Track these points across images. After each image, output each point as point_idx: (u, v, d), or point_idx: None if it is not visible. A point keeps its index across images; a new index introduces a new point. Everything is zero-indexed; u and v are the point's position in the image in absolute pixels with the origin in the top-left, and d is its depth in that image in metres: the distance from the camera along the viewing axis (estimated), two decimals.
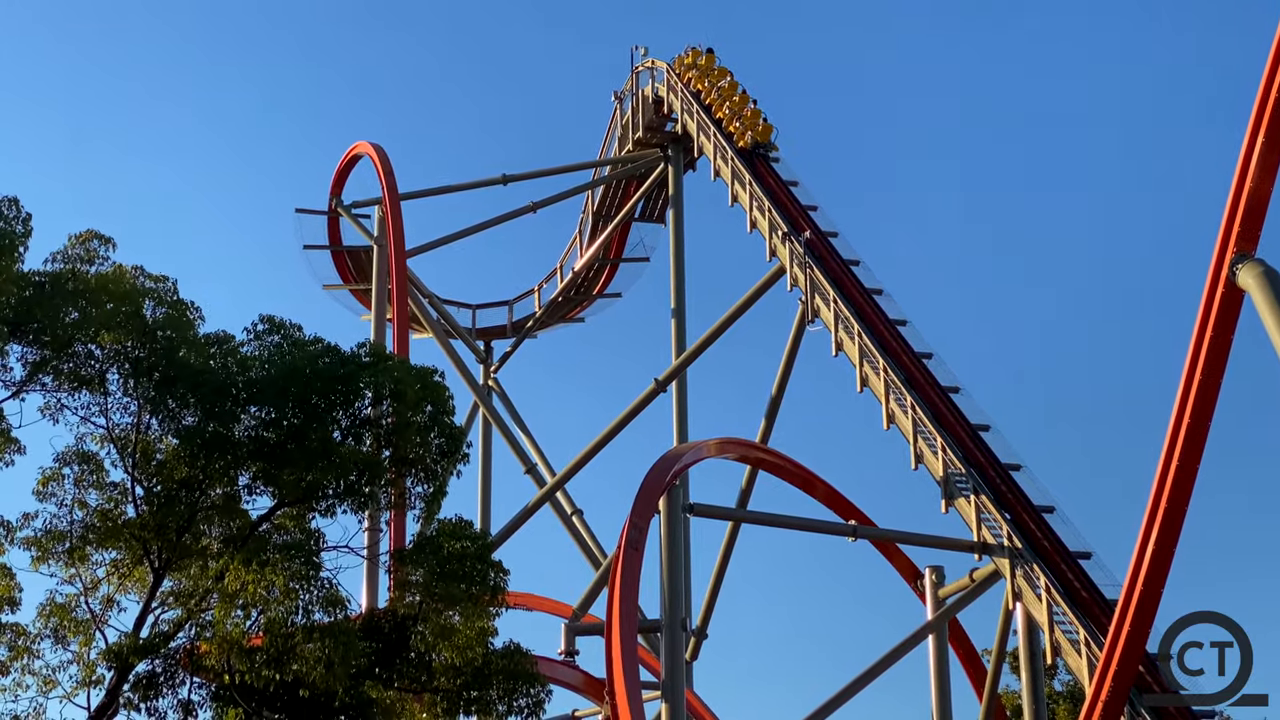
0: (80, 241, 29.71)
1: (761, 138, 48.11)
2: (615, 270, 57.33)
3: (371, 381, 29.35)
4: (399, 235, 48.07)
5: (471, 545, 29.27)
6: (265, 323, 30.12)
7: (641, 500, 35.30)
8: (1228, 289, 25.81)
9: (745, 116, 48.66)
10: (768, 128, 48.53)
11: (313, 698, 26.89)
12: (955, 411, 38.20)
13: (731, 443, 41.05)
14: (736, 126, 48.35)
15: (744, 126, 48.28)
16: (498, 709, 29.12)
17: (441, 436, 29.80)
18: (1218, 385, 26.27)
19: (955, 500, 35.11)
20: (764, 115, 48.90)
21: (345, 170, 52.96)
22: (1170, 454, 26.61)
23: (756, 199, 44.30)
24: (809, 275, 40.93)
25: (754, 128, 48.25)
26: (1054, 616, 32.13)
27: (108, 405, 29.13)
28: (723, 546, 44.97)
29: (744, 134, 48.09)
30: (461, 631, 28.50)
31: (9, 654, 28.50)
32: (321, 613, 26.78)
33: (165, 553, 28.63)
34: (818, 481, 42.06)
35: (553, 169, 55.19)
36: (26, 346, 28.68)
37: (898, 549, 41.31)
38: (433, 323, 52.81)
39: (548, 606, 50.97)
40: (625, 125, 53.64)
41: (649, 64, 52.75)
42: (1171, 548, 27.09)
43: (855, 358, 38.38)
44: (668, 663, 35.23)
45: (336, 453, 28.37)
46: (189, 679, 28.06)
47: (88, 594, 28.88)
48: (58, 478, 29.05)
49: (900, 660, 36.74)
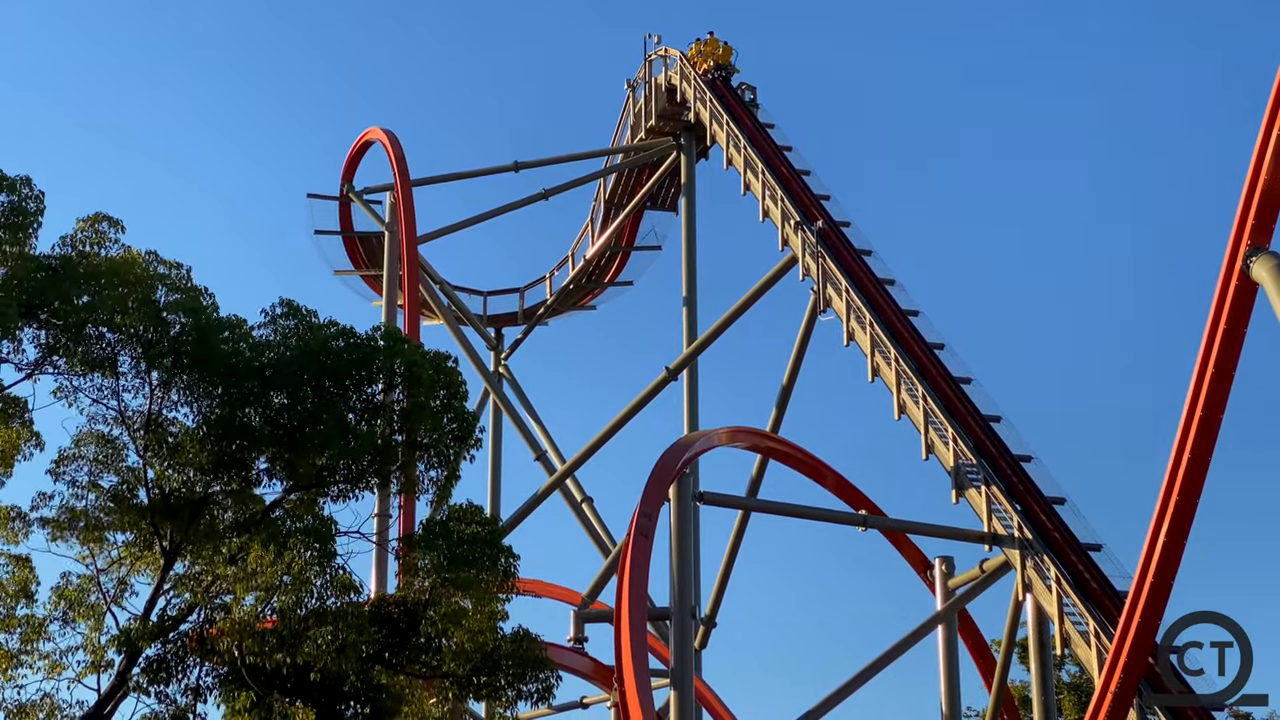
0: (90, 224, 29.63)
1: (722, 59, 50.64)
2: (627, 258, 57.25)
3: (385, 365, 29.34)
4: (410, 221, 47.97)
5: (482, 530, 29.27)
6: (284, 306, 30.08)
7: (651, 488, 35.29)
8: (1241, 282, 25.75)
9: (708, 42, 51.01)
10: (727, 50, 50.99)
11: (323, 681, 26.93)
12: (966, 402, 38.14)
13: (742, 431, 41.00)
14: (699, 58, 50.71)
15: (705, 53, 50.70)
16: (507, 695, 29.13)
17: (455, 421, 29.80)
18: (1230, 378, 26.23)
19: (966, 491, 35.08)
20: (726, 43, 51.16)
21: (357, 156, 52.87)
22: (1182, 447, 26.59)
23: (769, 188, 44.23)
24: (821, 265, 40.87)
25: (715, 54, 50.62)
26: (1064, 608, 32.11)
27: (120, 388, 29.14)
28: (732, 535, 44.95)
29: (705, 60, 50.37)
30: (472, 615, 28.50)
31: (21, 643, 28.55)
32: (334, 597, 26.81)
33: (176, 536, 28.68)
34: (828, 471, 42.04)
35: (565, 156, 55.11)
36: (39, 329, 28.71)
37: (908, 539, 41.26)
38: (443, 309, 52.77)
39: (557, 593, 51.01)
40: (638, 113, 53.55)
41: (662, 52, 52.63)
42: (1182, 541, 27.07)
43: (867, 347, 38.34)
44: (676, 651, 35.22)
45: (350, 436, 28.38)
46: (199, 663, 28.11)
47: (101, 575, 28.96)
48: (74, 458, 29.13)
49: (909, 650, 36.75)
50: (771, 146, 47.45)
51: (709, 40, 51.50)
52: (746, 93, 50.52)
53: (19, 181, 28.63)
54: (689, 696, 34.86)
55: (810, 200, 44.91)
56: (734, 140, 46.65)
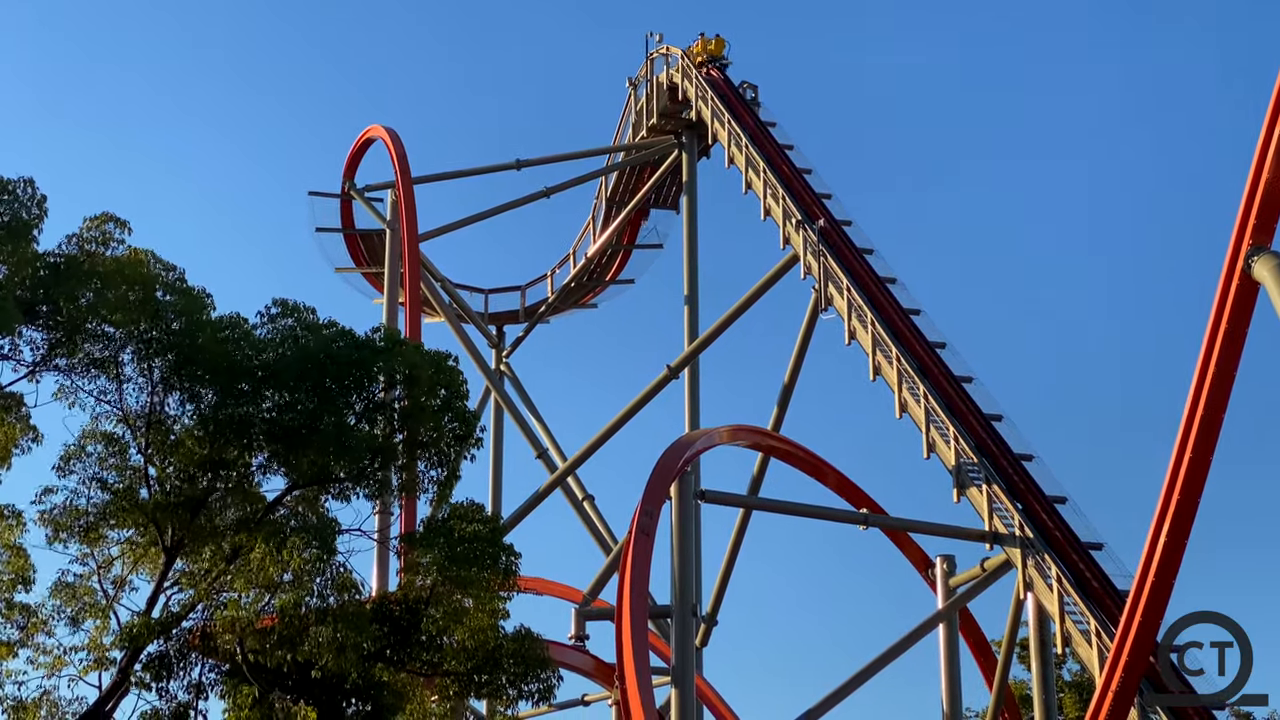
0: (96, 224, 29.65)
1: (715, 51, 51.58)
2: (628, 256, 57.28)
3: (385, 366, 29.34)
4: (412, 219, 48.01)
5: (483, 528, 29.27)
6: (278, 306, 30.11)
7: (653, 486, 35.31)
8: (1243, 281, 25.75)
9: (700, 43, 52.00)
10: (720, 42, 52.01)
11: (324, 679, 26.94)
12: (968, 401, 38.16)
13: (743, 430, 41.02)
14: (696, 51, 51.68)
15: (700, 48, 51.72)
16: (508, 693, 29.15)
17: (455, 421, 29.80)
18: (1232, 377, 26.22)
19: (967, 490, 35.10)
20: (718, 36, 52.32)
21: (358, 154, 52.90)
22: (1183, 446, 26.58)
23: (770, 186, 44.24)
24: (822, 263, 40.88)
25: (708, 47, 51.60)
26: (1065, 607, 32.14)
27: (122, 388, 29.12)
28: (733, 533, 44.97)
29: (701, 53, 51.31)
30: (473, 614, 28.50)
31: (20, 634, 28.56)
32: (334, 596, 26.81)
33: (178, 533, 28.69)
34: (829, 469, 42.06)
35: (567, 154, 55.12)
36: (40, 330, 28.67)
37: (909, 538, 41.28)
38: (445, 307, 52.78)
39: (558, 591, 51.01)
40: (640, 111, 53.56)
41: (664, 50, 52.67)
42: (1184, 540, 27.06)
43: (868, 346, 38.34)
44: (678, 649, 35.24)
45: (350, 437, 28.39)
46: (200, 660, 28.12)
47: (100, 573, 28.95)
48: (79, 455, 29.12)
49: (910, 649, 36.77)
50: (773, 145, 47.47)
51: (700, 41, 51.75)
52: (748, 91, 50.55)
53: (20, 184, 28.59)
54: (690, 694, 34.89)
55: (812, 199, 44.92)
56: (735, 139, 46.66)
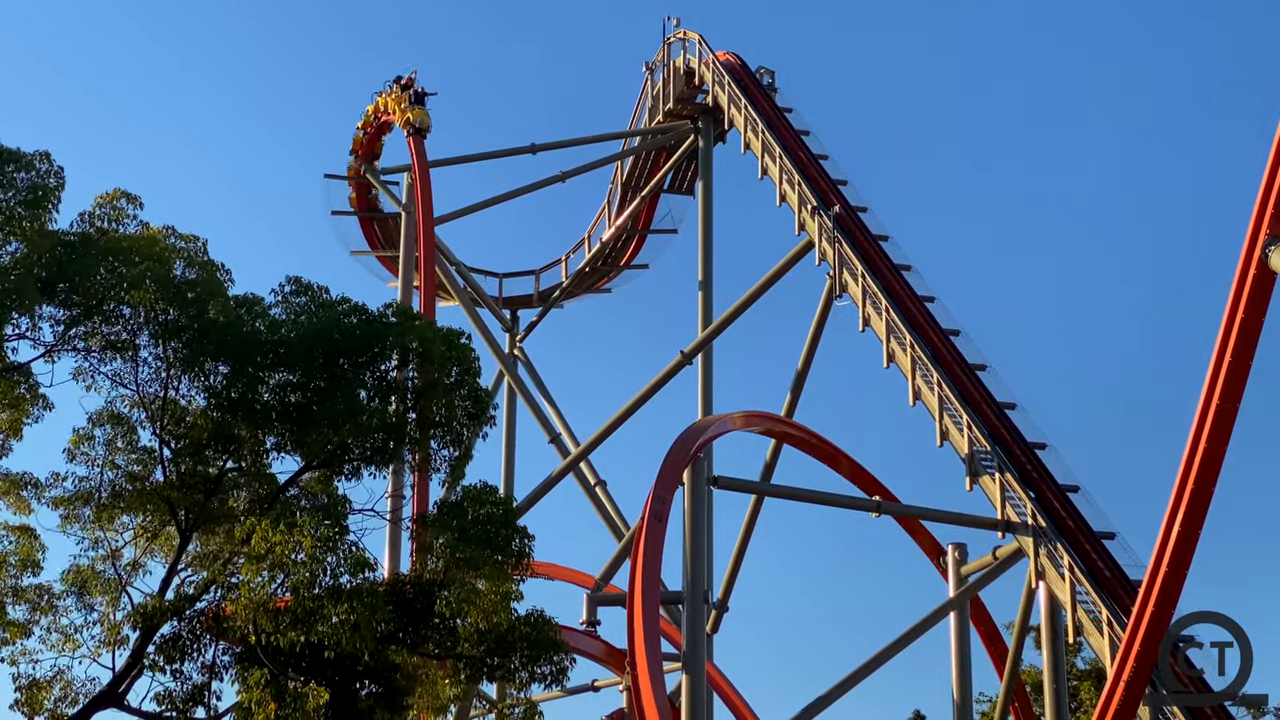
0: (108, 201, 29.48)
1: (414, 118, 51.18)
2: (643, 241, 57.22)
3: (397, 342, 29.26)
4: (427, 202, 48.00)
5: (497, 510, 29.20)
6: (292, 284, 30.04)
7: (665, 472, 35.32)
8: (1260, 271, 25.68)
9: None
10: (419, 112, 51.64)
11: (337, 660, 26.92)
12: (981, 389, 38.13)
13: (756, 416, 41.01)
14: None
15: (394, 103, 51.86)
16: (520, 676, 29.09)
17: (468, 399, 29.73)
18: (1247, 368, 26.15)
19: (980, 478, 35.08)
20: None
21: (375, 137, 52.93)
22: (1198, 437, 26.52)
23: (786, 172, 44.17)
24: (838, 250, 40.83)
25: (400, 105, 51.35)
26: (1077, 596, 32.13)
27: (138, 371, 29.07)
28: (746, 520, 44.99)
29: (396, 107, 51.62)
30: (486, 596, 28.45)
31: (31, 614, 28.56)
32: (348, 576, 26.77)
33: (192, 514, 28.70)
34: (842, 456, 42.05)
35: (582, 139, 55.06)
36: (57, 307, 28.60)
37: (921, 525, 41.31)
38: (459, 290, 52.78)
39: (570, 576, 51.07)
40: (656, 96, 53.47)
41: (681, 35, 52.55)
42: (1197, 531, 27.01)
43: (882, 333, 38.32)
44: (689, 635, 35.27)
45: (363, 414, 28.33)
46: (214, 641, 28.13)
47: (112, 557, 28.93)
48: (90, 438, 29.10)
49: (921, 637, 36.79)
50: (789, 130, 47.37)
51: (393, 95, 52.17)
52: (765, 76, 50.41)
53: (37, 157, 28.48)
54: (701, 681, 34.93)
55: (828, 185, 44.86)
56: (752, 124, 46.58)
